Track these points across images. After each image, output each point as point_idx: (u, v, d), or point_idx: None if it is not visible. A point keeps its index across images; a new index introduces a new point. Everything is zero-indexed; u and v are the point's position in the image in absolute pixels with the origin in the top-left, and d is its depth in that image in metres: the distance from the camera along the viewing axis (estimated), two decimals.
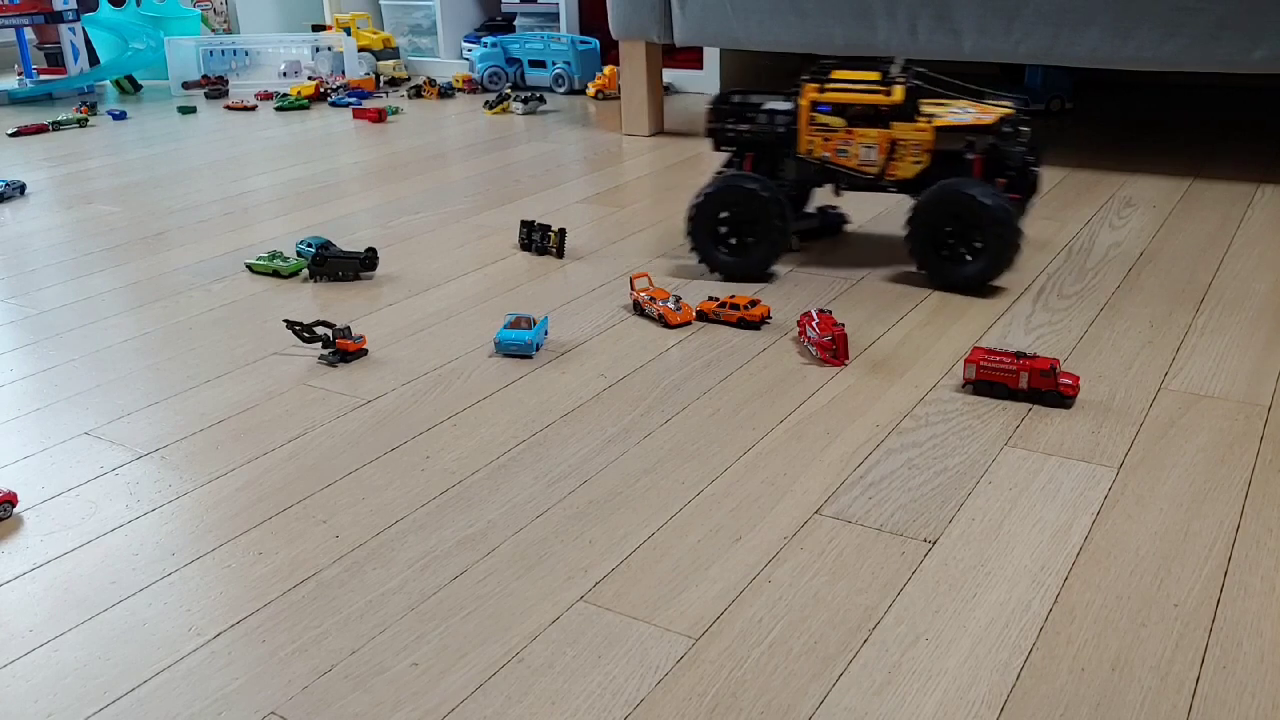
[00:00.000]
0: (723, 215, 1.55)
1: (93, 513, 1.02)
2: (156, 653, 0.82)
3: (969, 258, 1.49)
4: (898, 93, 1.49)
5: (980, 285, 1.49)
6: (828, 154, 1.54)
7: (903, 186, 1.54)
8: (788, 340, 1.37)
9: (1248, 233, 1.75)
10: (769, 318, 1.43)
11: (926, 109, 1.54)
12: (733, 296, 1.43)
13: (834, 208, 1.82)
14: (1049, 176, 2.14)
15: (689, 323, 1.43)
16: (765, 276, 1.59)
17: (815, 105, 1.52)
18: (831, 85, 1.52)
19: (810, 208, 1.77)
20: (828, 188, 1.61)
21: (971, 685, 0.76)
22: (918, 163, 1.51)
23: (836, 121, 1.51)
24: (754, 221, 1.54)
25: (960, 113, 1.53)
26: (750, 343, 1.37)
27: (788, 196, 1.58)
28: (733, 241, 1.57)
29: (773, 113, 1.57)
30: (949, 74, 1.61)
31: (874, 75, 1.52)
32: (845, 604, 0.85)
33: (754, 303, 1.41)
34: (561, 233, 1.72)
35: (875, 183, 1.55)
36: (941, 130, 1.50)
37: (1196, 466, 1.04)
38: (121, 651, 0.82)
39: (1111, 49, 2.01)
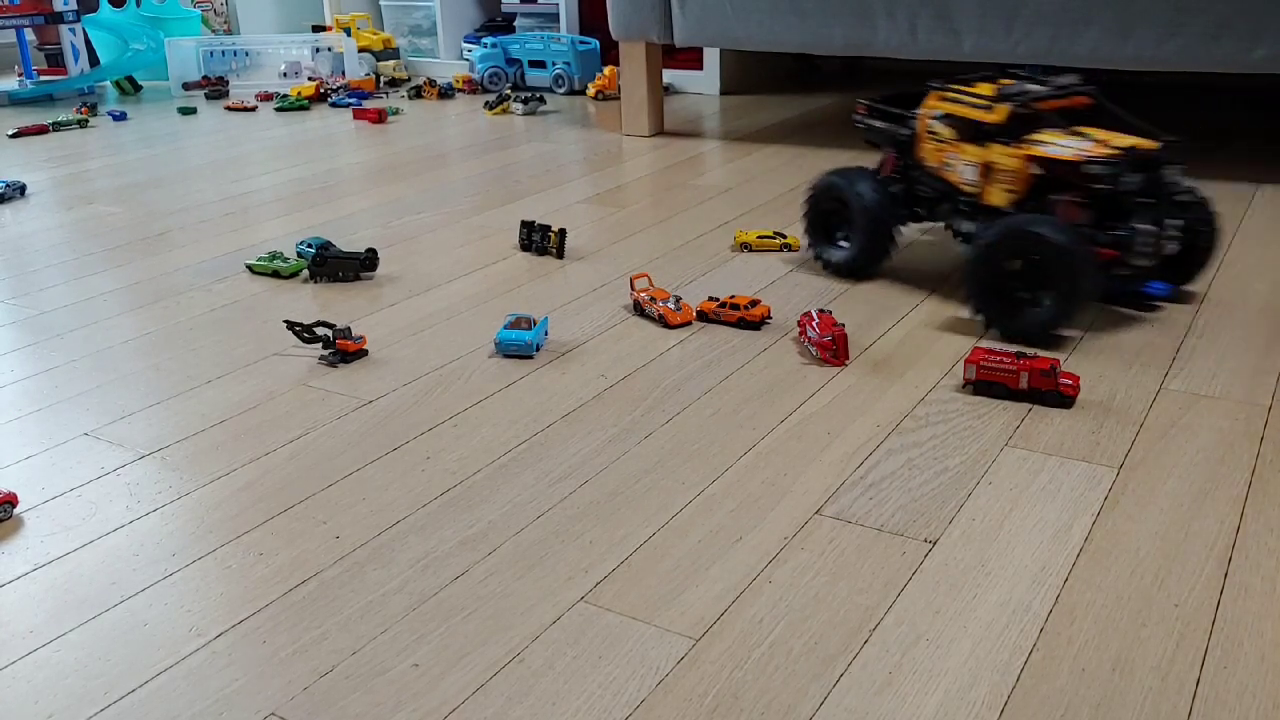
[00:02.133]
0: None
1: (93, 513, 1.02)
2: (157, 653, 0.82)
3: (1029, 300, 1.32)
4: (999, 111, 1.40)
5: (1045, 336, 1.31)
6: (937, 165, 1.49)
7: (997, 215, 1.41)
8: (788, 340, 1.37)
9: (1247, 233, 1.75)
10: (769, 318, 1.43)
11: (1038, 136, 1.38)
12: (732, 296, 1.43)
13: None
14: None
15: (689, 323, 1.43)
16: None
17: (931, 113, 1.49)
18: (950, 94, 1.46)
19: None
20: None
21: (972, 685, 0.76)
22: (1011, 191, 1.39)
23: (947, 132, 1.46)
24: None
25: (1064, 145, 1.35)
26: (750, 343, 1.37)
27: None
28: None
29: (904, 117, 1.54)
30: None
31: (989, 89, 1.43)
32: (846, 604, 0.85)
33: (754, 303, 1.41)
34: (561, 233, 1.72)
35: (977, 205, 1.45)
36: (1033, 160, 1.36)
37: (1196, 466, 1.04)
38: (122, 652, 0.82)
39: (1111, 49, 2.01)
